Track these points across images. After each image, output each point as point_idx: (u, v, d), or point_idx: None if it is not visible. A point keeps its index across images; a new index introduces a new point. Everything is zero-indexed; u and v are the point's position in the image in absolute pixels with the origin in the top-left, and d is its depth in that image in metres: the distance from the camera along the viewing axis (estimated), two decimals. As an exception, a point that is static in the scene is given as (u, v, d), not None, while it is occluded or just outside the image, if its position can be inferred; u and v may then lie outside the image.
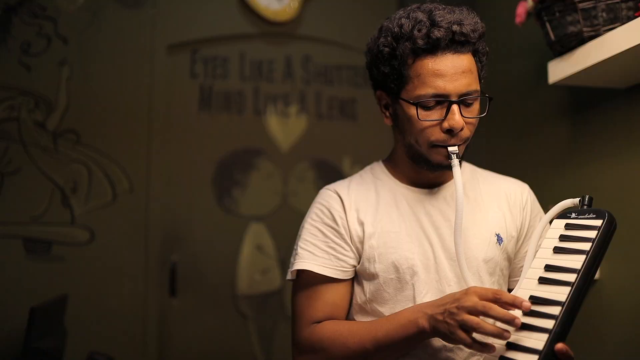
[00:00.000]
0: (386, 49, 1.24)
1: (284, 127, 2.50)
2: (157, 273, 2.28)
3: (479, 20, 1.24)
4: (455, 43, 1.20)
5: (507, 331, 1.01)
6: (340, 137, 2.54)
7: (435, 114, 1.21)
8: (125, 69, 2.30)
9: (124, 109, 2.29)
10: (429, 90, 1.19)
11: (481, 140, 2.26)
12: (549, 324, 0.97)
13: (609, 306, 1.61)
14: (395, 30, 1.22)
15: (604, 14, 1.41)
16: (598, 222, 1.06)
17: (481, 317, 1.04)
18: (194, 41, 2.41)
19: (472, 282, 1.16)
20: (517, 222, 1.35)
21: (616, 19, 1.40)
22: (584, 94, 1.72)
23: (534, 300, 1.04)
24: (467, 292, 1.07)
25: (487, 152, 2.22)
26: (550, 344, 0.96)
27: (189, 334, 2.31)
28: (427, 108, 1.20)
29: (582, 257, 1.02)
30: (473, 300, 1.04)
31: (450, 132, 1.20)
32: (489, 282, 1.29)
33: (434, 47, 1.19)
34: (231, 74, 2.45)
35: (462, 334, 1.05)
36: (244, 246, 2.41)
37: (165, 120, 2.34)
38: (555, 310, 0.98)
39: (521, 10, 1.59)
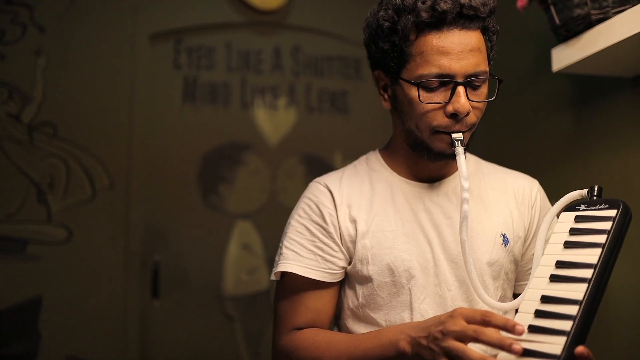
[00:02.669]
0: (386, 23, 1.14)
1: (273, 121, 2.44)
2: (139, 273, 2.22)
3: None
4: (463, 17, 1.10)
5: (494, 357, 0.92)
6: (331, 131, 2.49)
7: (439, 97, 1.11)
8: (105, 59, 2.24)
9: (103, 101, 2.23)
10: (433, 70, 1.09)
11: (481, 131, 2.20)
12: (567, 325, 0.89)
13: (615, 307, 1.55)
14: (397, 2, 1.12)
15: (614, -5, 1.33)
16: (612, 213, 0.97)
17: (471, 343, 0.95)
18: (177, 30, 2.35)
19: (480, 288, 1.08)
20: (525, 222, 1.25)
21: (627, 0, 1.32)
22: (589, 83, 1.67)
23: (547, 299, 0.95)
24: (452, 314, 0.97)
25: (488, 144, 2.17)
26: (569, 347, 0.87)
27: (172, 337, 2.25)
28: (429, 89, 1.11)
29: (598, 251, 0.94)
30: (460, 325, 0.95)
31: (454, 116, 1.11)
32: (493, 287, 1.20)
33: (439, 22, 1.09)
34: (217, 64, 2.38)
35: None
36: (231, 245, 2.35)
37: (147, 113, 2.28)
38: (573, 310, 0.90)
39: (523, -7, 1.51)
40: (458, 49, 1.09)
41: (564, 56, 1.48)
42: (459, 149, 1.10)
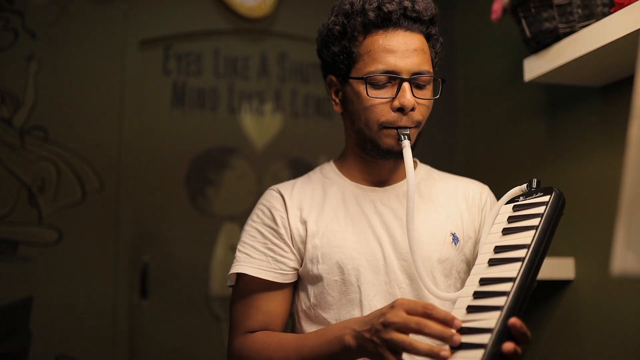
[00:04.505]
0: (337, 27, 1.21)
1: (259, 126, 2.46)
2: (128, 274, 2.23)
3: (432, 3, 1.22)
4: (407, 19, 1.18)
5: (445, 349, 0.92)
6: (316, 136, 2.51)
7: (386, 93, 1.17)
8: (95, 64, 2.25)
9: (94, 105, 2.24)
10: (379, 66, 1.16)
11: (457, 139, 2.25)
12: (501, 301, 0.92)
13: (584, 306, 1.60)
14: (346, 7, 1.20)
15: (580, 10, 1.40)
16: (545, 198, 1.03)
17: (412, 334, 0.95)
18: (167, 37, 2.37)
19: (428, 281, 1.10)
20: (476, 223, 1.29)
21: (591, 15, 1.39)
22: (560, 92, 1.72)
23: (485, 281, 0.99)
24: (393, 305, 0.98)
25: (464, 151, 2.21)
26: (503, 320, 0.89)
27: (160, 336, 2.26)
28: (377, 86, 1.17)
29: (532, 233, 0.99)
30: (402, 316, 0.95)
31: (401, 110, 1.16)
32: (445, 285, 1.22)
33: (385, 21, 1.17)
34: (205, 70, 2.41)
35: (390, 355, 0.96)
36: (218, 246, 2.37)
37: (136, 118, 2.30)
38: (507, 287, 0.93)
39: (497, 6, 1.57)
40: (403, 47, 1.16)
41: (535, 67, 1.54)
42: (405, 142, 1.15)
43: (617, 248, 0.49)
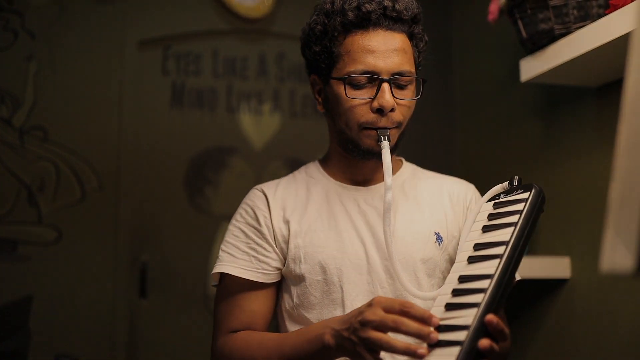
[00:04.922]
0: (318, 27, 1.21)
1: (258, 125, 2.47)
2: (127, 273, 2.24)
3: (414, 2, 1.21)
4: (387, 19, 1.16)
5: (422, 347, 0.92)
6: (314, 136, 2.50)
7: (365, 93, 1.16)
8: (95, 64, 2.26)
9: (93, 105, 2.25)
10: (359, 67, 1.15)
11: (454, 139, 2.27)
12: (478, 298, 0.92)
13: (580, 305, 1.61)
14: (327, 7, 1.20)
15: (575, 12, 1.41)
16: (525, 195, 1.04)
17: (390, 332, 0.95)
18: (166, 37, 2.38)
19: (406, 281, 1.10)
20: (460, 222, 1.27)
21: (587, 17, 1.40)
22: (556, 93, 1.73)
23: (463, 279, 0.99)
24: (371, 303, 0.97)
25: (460, 151, 2.22)
26: (480, 317, 0.89)
27: (159, 335, 2.27)
28: (356, 87, 1.16)
29: (511, 229, 0.99)
30: (379, 315, 0.94)
31: (380, 112, 1.15)
32: (428, 285, 1.21)
33: (364, 21, 1.16)
34: (204, 70, 2.42)
35: (367, 354, 0.95)
36: (216, 246, 2.36)
37: (135, 118, 2.30)
38: (485, 284, 0.94)
39: (494, 7, 1.59)
40: (383, 47, 1.15)
41: (531, 67, 1.55)
42: (384, 143, 1.14)
43: (606, 245, 0.51)
